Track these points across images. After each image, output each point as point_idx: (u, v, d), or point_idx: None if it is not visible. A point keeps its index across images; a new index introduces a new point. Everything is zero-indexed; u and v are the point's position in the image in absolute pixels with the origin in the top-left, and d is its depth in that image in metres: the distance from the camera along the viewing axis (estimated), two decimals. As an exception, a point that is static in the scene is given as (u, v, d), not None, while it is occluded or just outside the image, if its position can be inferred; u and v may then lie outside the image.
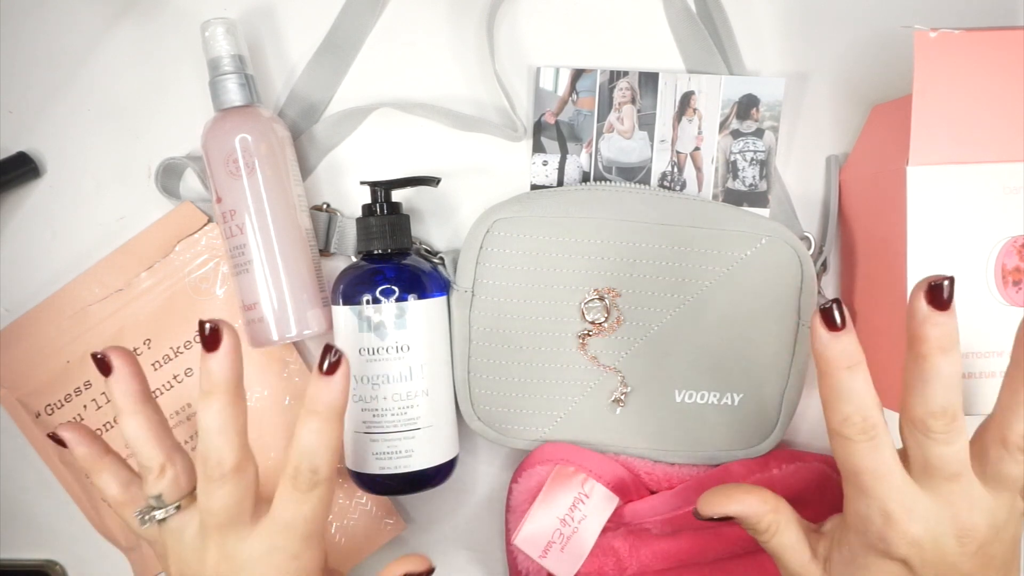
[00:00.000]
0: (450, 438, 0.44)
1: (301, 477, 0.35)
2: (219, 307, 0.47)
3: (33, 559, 0.51)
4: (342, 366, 0.34)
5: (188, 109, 0.48)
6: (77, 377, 0.47)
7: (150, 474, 0.37)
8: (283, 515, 0.35)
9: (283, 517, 0.35)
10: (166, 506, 0.37)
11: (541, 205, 0.43)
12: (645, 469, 0.46)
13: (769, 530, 0.37)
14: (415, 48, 0.47)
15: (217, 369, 0.34)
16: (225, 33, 0.43)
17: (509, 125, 0.46)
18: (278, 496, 0.35)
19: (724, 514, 0.37)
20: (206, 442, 0.34)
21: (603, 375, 0.45)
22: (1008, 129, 0.38)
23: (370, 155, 0.48)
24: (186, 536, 0.36)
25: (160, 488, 0.37)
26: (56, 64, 0.48)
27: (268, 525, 0.35)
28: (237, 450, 0.35)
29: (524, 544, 0.42)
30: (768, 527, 0.36)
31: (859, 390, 0.33)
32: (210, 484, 0.35)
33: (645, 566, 0.45)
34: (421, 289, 0.43)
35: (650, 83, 0.46)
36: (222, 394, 0.34)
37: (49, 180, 0.49)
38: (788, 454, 0.45)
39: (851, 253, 0.46)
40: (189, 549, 0.36)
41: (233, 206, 0.43)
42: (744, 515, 0.37)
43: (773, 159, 0.46)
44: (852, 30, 0.46)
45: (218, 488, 0.34)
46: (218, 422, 0.34)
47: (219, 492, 0.34)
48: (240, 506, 0.35)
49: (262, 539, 0.35)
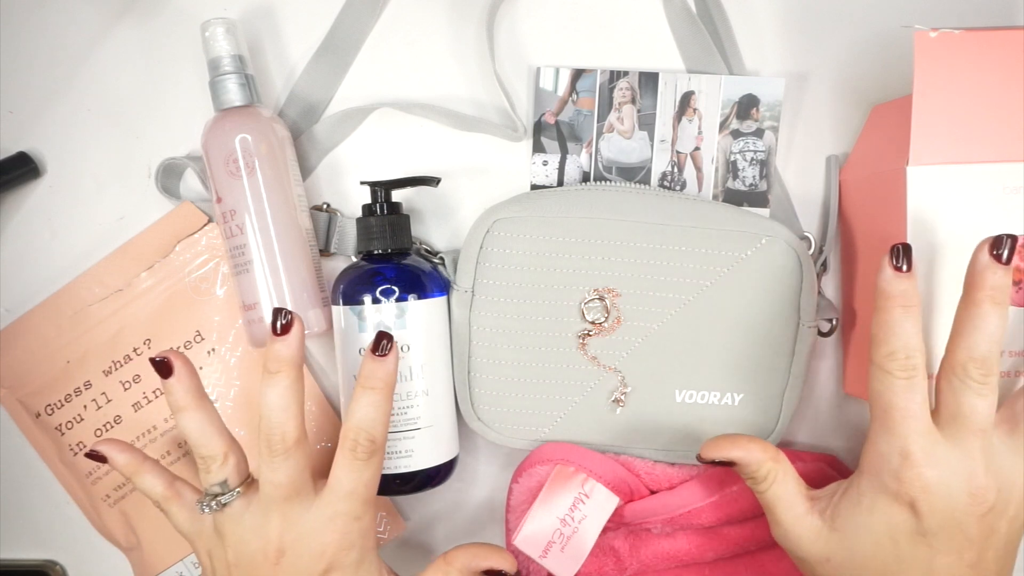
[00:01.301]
0: (450, 438, 0.44)
1: (360, 447, 0.37)
2: (219, 307, 0.47)
3: (33, 559, 0.51)
4: (394, 348, 0.38)
5: (188, 109, 0.48)
6: (77, 377, 0.47)
7: (214, 463, 0.38)
8: (344, 483, 0.37)
9: (344, 485, 0.37)
10: (231, 490, 0.38)
11: (541, 205, 0.43)
12: (645, 469, 0.46)
13: (768, 478, 0.38)
14: (415, 48, 0.47)
15: (285, 351, 0.37)
16: (225, 33, 0.43)
17: (509, 125, 0.46)
18: (338, 466, 0.38)
19: (726, 458, 0.39)
20: (270, 419, 0.37)
21: (603, 375, 0.45)
22: (1008, 129, 0.38)
23: (370, 155, 0.48)
24: (246, 517, 0.38)
25: (225, 474, 0.38)
26: (56, 64, 0.48)
27: (330, 493, 0.38)
28: (299, 426, 0.37)
29: (524, 544, 0.42)
30: (767, 475, 0.38)
31: (909, 330, 0.35)
32: (275, 458, 0.37)
33: (646, 566, 0.45)
34: (421, 289, 0.43)
35: (650, 83, 0.46)
36: (288, 373, 0.37)
37: (49, 180, 0.49)
38: (788, 454, 0.45)
39: (851, 253, 0.46)
40: (250, 528, 0.38)
41: (233, 206, 0.43)
42: (745, 461, 0.38)
43: (773, 159, 0.46)
44: (852, 30, 0.46)
45: (283, 462, 0.37)
46: (283, 400, 0.37)
47: (284, 465, 0.37)
48: (303, 477, 0.37)
49: (325, 506, 0.37)
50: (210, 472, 0.38)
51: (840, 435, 0.48)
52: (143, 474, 0.40)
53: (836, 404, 0.48)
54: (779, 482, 0.38)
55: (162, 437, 0.47)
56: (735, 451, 0.39)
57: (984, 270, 0.35)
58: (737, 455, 0.38)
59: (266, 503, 0.37)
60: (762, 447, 0.38)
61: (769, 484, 0.38)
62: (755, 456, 0.38)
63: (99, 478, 0.47)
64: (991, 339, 0.34)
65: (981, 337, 0.34)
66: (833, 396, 0.48)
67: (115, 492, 0.47)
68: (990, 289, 0.34)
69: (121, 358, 0.47)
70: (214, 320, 0.47)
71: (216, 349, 0.47)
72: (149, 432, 0.47)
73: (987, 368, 0.34)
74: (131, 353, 0.47)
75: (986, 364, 0.34)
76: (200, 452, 0.38)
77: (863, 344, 0.45)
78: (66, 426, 0.47)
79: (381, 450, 0.38)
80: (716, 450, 0.39)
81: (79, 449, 0.47)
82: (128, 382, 0.47)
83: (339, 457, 0.38)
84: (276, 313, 0.38)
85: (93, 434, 0.47)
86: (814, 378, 0.48)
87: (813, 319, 0.44)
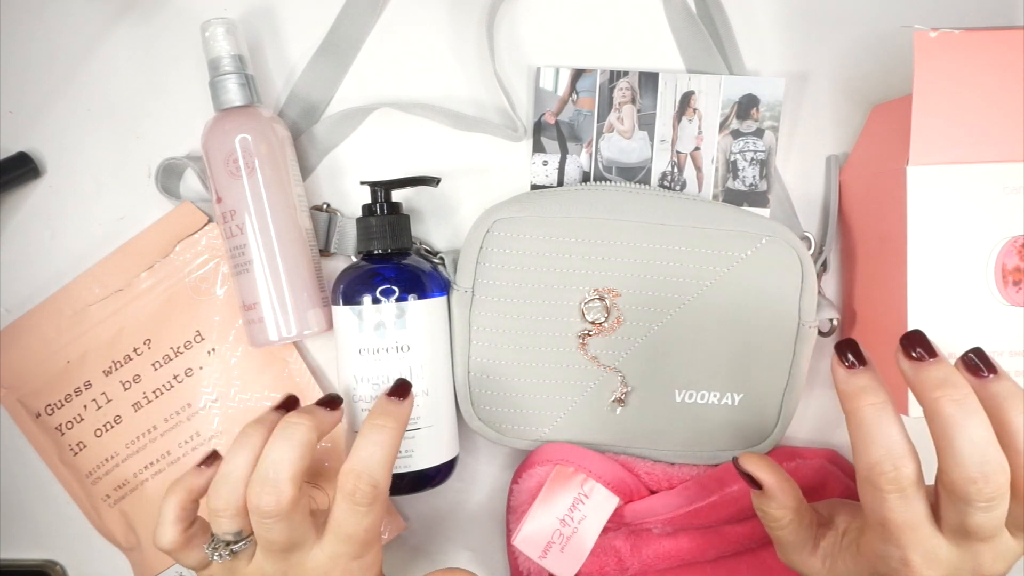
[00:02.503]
0: (450, 438, 0.44)
1: (360, 493, 0.35)
2: (219, 307, 0.47)
3: (33, 559, 0.51)
4: (411, 396, 0.38)
5: (188, 109, 0.48)
6: (77, 377, 0.47)
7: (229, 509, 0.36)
8: (344, 528, 0.36)
9: (344, 529, 0.36)
10: (244, 538, 0.37)
11: (541, 205, 0.43)
12: (645, 469, 0.46)
13: (779, 523, 0.37)
14: (415, 48, 0.47)
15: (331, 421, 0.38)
16: (225, 33, 0.43)
17: (509, 125, 0.46)
18: (338, 508, 0.36)
19: (756, 477, 0.37)
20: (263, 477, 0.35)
21: (603, 375, 0.45)
22: (1008, 129, 0.38)
23: (370, 155, 0.48)
24: (253, 562, 0.37)
25: (240, 524, 0.37)
26: (56, 64, 0.48)
27: (330, 538, 0.36)
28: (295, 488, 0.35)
29: (524, 544, 0.42)
30: (779, 520, 0.37)
31: (887, 431, 0.31)
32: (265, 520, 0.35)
33: (647, 565, 0.45)
34: (421, 289, 0.43)
35: (650, 83, 0.46)
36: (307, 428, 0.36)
37: (49, 180, 0.48)
38: (788, 451, 0.45)
39: (851, 253, 0.46)
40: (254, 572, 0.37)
41: (233, 206, 0.43)
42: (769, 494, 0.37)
43: (773, 159, 0.46)
44: (852, 30, 0.46)
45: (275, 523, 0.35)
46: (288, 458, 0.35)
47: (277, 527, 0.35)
48: (300, 530, 0.36)
49: (325, 550, 0.37)
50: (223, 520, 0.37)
51: (840, 435, 0.48)
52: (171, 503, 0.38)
53: (836, 404, 0.48)
54: (786, 530, 0.37)
55: (162, 437, 0.47)
56: (770, 477, 0.37)
57: (917, 374, 0.31)
58: (767, 480, 0.37)
59: (269, 555, 0.36)
60: (792, 497, 0.37)
61: (776, 529, 0.37)
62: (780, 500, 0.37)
63: (99, 478, 0.47)
64: (979, 445, 0.30)
65: (967, 449, 0.30)
66: (833, 396, 0.48)
67: (115, 492, 0.47)
68: (938, 390, 0.31)
69: (121, 358, 0.47)
70: (214, 320, 0.47)
71: (216, 349, 0.47)
72: (149, 432, 0.47)
73: (988, 482, 0.29)
74: (131, 353, 0.47)
75: (985, 478, 0.29)
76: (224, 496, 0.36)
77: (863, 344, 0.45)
78: (66, 426, 0.47)
79: (383, 495, 0.36)
80: (754, 465, 0.38)
81: (79, 449, 0.47)
82: (128, 382, 0.47)
83: (339, 500, 0.36)
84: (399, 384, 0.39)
85: (93, 434, 0.47)
86: (814, 378, 0.48)
87: (813, 319, 0.44)
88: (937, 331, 0.39)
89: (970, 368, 0.32)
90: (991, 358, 0.32)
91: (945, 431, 0.30)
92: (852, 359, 0.33)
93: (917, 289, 0.39)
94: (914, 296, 0.39)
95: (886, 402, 0.32)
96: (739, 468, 0.38)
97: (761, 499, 0.37)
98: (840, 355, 0.33)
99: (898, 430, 0.31)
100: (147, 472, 0.47)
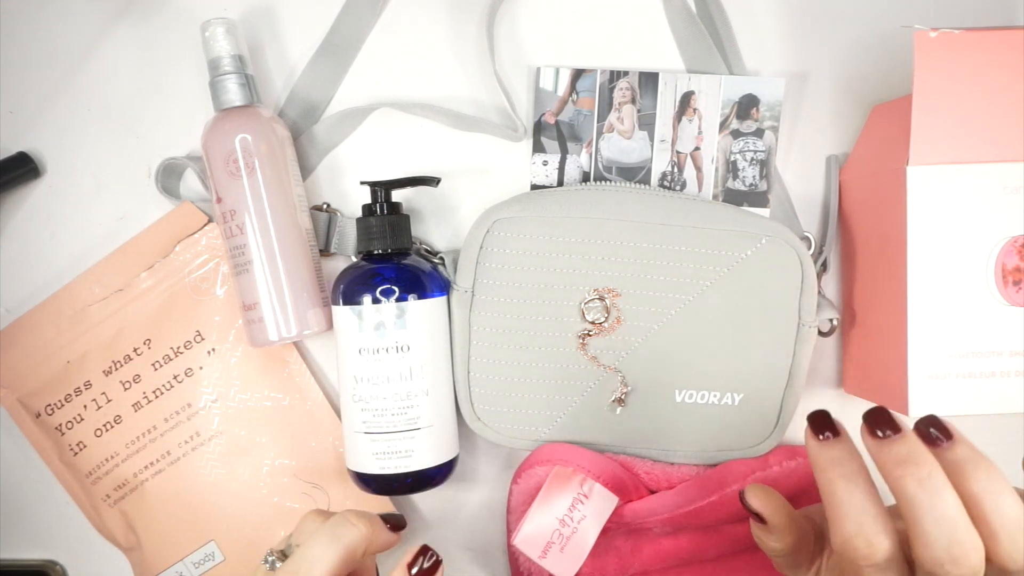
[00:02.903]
0: (450, 438, 0.44)
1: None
2: (219, 307, 0.47)
3: (33, 559, 0.51)
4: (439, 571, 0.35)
5: (188, 109, 0.48)
6: (77, 377, 0.47)
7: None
8: None
9: None
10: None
11: (541, 205, 0.43)
12: (644, 469, 0.46)
13: (775, 552, 0.36)
14: (415, 48, 0.47)
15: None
16: (225, 33, 0.43)
17: (509, 125, 0.46)
18: None
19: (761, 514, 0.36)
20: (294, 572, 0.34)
21: (603, 375, 0.45)
22: (1008, 129, 0.38)
23: (370, 155, 0.48)
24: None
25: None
26: (56, 64, 0.48)
27: None
28: None
29: (523, 545, 0.42)
30: (777, 552, 0.36)
31: (861, 505, 0.30)
32: None
33: (647, 565, 0.45)
34: (421, 289, 0.43)
35: (650, 83, 0.46)
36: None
37: (49, 180, 0.48)
38: (788, 451, 0.45)
39: (851, 253, 0.46)
40: None
41: (233, 206, 0.43)
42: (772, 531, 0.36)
43: (773, 159, 0.46)
44: (852, 30, 0.46)
45: None
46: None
47: None
48: None
49: None
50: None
51: (840, 435, 0.48)
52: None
53: (836, 404, 0.48)
54: (787, 556, 0.36)
55: (162, 437, 0.47)
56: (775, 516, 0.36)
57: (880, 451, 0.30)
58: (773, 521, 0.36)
59: None
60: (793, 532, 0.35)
61: (777, 556, 0.37)
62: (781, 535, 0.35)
63: (99, 478, 0.47)
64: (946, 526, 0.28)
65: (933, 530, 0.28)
66: (833, 396, 0.48)
67: (115, 492, 0.47)
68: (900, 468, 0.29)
69: (121, 358, 0.47)
70: (214, 320, 0.47)
71: (216, 349, 0.47)
72: (149, 432, 0.47)
73: (957, 564, 0.28)
74: (131, 353, 0.47)
75: (954, 560, 0.28)
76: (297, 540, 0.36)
77: (863, 344, 0.45)
78: (66, 426, 0.47)
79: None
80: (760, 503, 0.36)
81: (79, 449, 0.47)
82: (128, 382, 0.47)
83: None
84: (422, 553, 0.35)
85: (93, 434, 0.47)
86: (814, 378, 0.48)
87: (813, 319, 0.44)
88: (937, 331, 0.39)
89: (926, 439, 0.31)
90: (946, 423, 0.31)
91: (910, 512, 0.29)
92: (824, 431, 0.32)
93: (917, 289, 0.39)
94: (914, 296, 0.39)
95: (859, 471, 0.30)
96: (744, 503, 0.37)
97: (761, 531, 0.37)
98: (813, 427, 0.32)
99: (872, 502, 0.30)
100: (147, 472, 0.47)
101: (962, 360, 0.39)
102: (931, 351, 0.39)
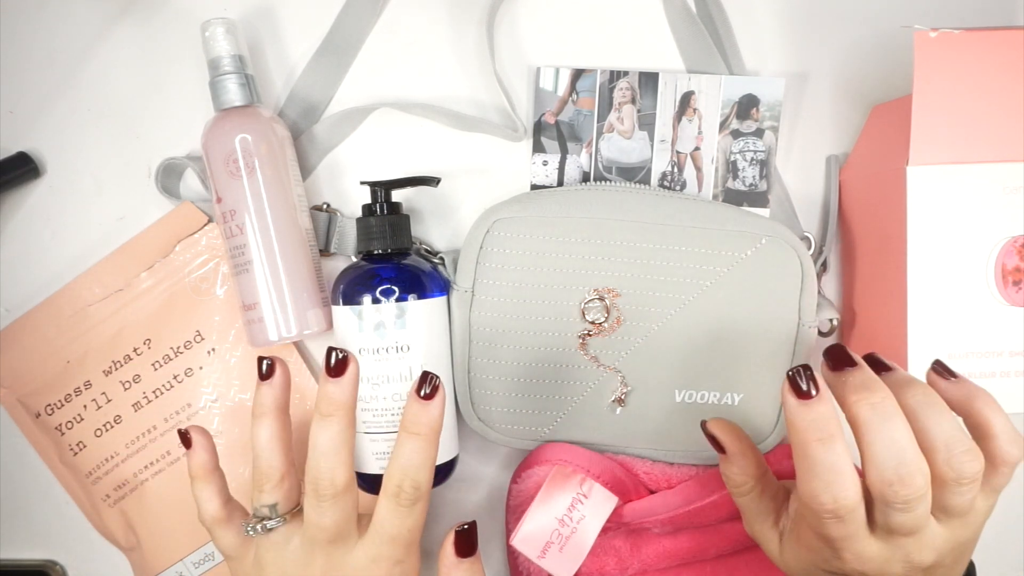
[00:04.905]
0: (450, 438, 0.44)
1: (404, 494, 0.36)
2: (219, 307, 0.47)
3: (33, 559, 0.51)
4: (440, 391, 0.36)
5: (188, 109, 0.48)
6: (77, 377, 0.47)
7: (268, 482, 0.38)
8: (388, 529, 0.37)
9: (388, 531, 0.37)
10: (278, 516, 0.38)
11: (541, 205, 0.43)
12: (644, 469, 0.46)
13: (740, 489, 0.39)
14: (415, 48, 0.47)
15: (339, 394, 0.36)
16: (225, 33, 0.43)
17: (509, 125, 0.46)
18: (381, 511, 0.37)
19: (720, 440, 0.39)
20: (318, 462, 0.36)
21: (603, 375, 0.45)
22: (1008, 129, 0.38)
23: (370, 155, 0.48)
24: (289, 548, 0.37)
25: (277, 497, 0.38)
26: (56, 64, 0.48)
27: (373, 538, 0.37)
28: (349, 470, 0.36)
29: (522, 544, 0.42)
30: (741, 486, 0.38)
31: (833, 466, 0.31)
32: (322, 503, 0.36)
33: (647, 565, 0.45)
34: (421, 289, 0.43)
35: (650, 83, 0.46)
36: (341, 417, 0.36)
37: (49, 180, 0.49)
38: (788, 450, 0.45)
39: (851, 253, 0.46)
40: (291, 561, 0.37)
41: (233, 206, 0.43)
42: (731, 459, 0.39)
43: (773, 159, 0.46)
44: (852, 30, 0.46)
45: (331, 507, 0.36)
46: (334, 444, 0.36)
47: (331, 510, 0.36)
48: (348, 522, 0.37)
49: (368, 550, 0.37)
50: (263, 492, 0.38)
51: (840, 435, 0.48)
52: (208, 483, 0.39)
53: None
54: (749, 497, 0.39)
55: (162, 437, 0.47)
56: (733, 442, 0.39)
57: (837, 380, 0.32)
58: (729, 445, 0.39)
59: (310, 543, 0.37)
60: (754, 465, 0.38)
61: (741, 495, 0.39)
62: (742, 465, 0.38)
63: (99, 478, 0.47)
64: (895, 448, 0.30)
65: (882, 452, 0.30)
66: (833, 396, 0.48)
67: (115, 492, 0.47)
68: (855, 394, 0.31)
69: (121, 358, 0.47)
70: (214, 320, 0.47)
71: (216, 349, 0.47)
72: (149, 432, 0.47)
73: (904, 484, 0.30)
74: (131, 353, 0.47)
75: (901, 480, 0.30)
76: (261, 465, 0.38)
77: (863, 344, 0.45)
78: (66, 426, 0.47)
79: (426, 496, 0.37)
80: (719, 430, 0.39)
81: (79, 449, 0.47)
82: (128, 382, 0.47)
83: (383, 500, 0.37)
84: (330, 352, 0.36)
85: (93, 434, 0.47)
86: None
87: (813, 319, 0.44)
88: (937, 331, 0.39)
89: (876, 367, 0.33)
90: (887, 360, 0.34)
91: (863, 434, 0.31)
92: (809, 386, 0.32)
93: (917, 289, 0.39)
94: (914, 296, 0.39)
95: (835, 435, 0.31)
96: (705, 431, 0.40)
97: (724, 463, 0.39)
98: (793, 381, 0.32)
99: (844, 465, 0.31)
100: (147, 472, 0.47)
101: (962, 360, 0.40)
102: (931, 351, 0.39)
